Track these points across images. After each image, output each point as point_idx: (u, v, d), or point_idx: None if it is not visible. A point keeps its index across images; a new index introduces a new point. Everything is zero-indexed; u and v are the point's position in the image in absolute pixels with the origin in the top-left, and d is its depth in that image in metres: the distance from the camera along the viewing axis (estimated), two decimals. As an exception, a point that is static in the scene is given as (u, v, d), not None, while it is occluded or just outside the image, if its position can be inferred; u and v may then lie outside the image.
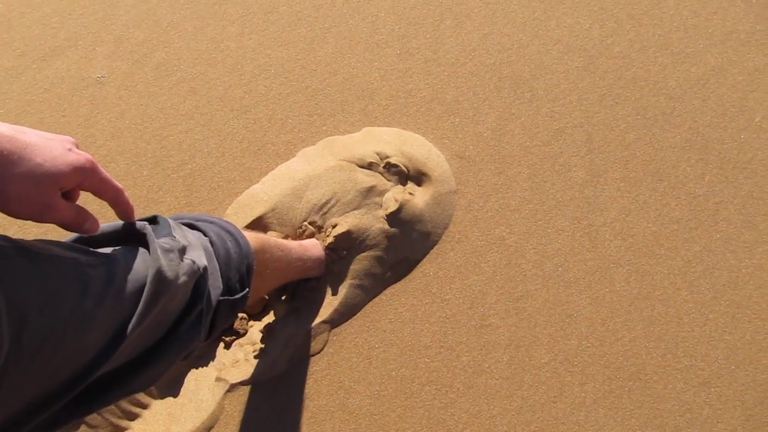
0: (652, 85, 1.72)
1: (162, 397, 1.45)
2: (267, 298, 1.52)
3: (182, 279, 0.79)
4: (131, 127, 1.69)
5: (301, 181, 1.53)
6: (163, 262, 0.76)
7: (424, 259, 1.53)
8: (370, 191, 1.50)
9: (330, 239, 1.44)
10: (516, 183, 1.60)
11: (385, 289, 1.51)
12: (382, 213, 1.51)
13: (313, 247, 1.43)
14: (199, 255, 0.86)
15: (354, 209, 1.48)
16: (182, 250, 0.83)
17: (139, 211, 1.58)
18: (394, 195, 1.52)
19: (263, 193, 1.56)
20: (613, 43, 1.77)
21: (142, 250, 0.79)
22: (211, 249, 0.93)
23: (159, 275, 0.74)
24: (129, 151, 1.66)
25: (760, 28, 1.78)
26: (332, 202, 1.48)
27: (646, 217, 1.57)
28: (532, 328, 1.46)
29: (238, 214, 1.55)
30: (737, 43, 1.77)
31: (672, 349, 1.45)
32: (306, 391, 1.42)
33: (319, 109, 1.70)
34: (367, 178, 1.52)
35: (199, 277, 0.84)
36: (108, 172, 0.74)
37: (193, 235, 0.91)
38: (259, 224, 1.52)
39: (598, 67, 1.74)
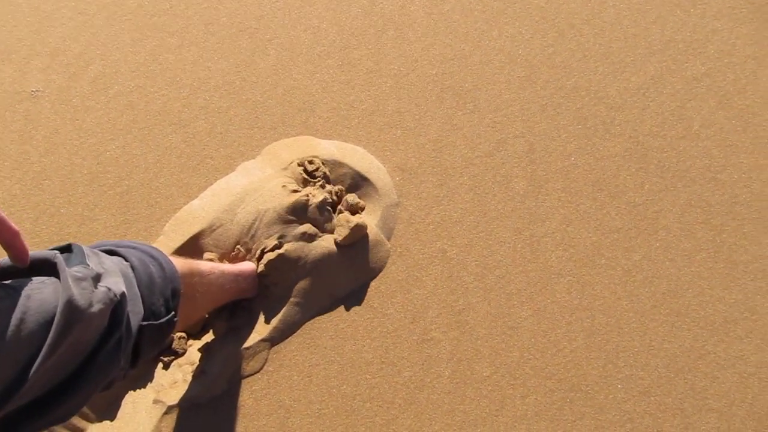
0: (592, 94, 1.73)
1: (99, 420, 1.42)
2: (206, 316, 1.49)
3: (97, 307, 0.77)
4: (66, 142, 1.65)
5: (237, 197, 1.51)
6: (75, 291, 0.74)
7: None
8: (294, 208, 1.47)
9: (261, 267, 1.42)
10: (458, 195, 1.59)
11: (325, 306, 1.49)
12: (334, 236, 1.49)
13: (248, 268, 1.41)
14: (116, 282, 0.84)
15: (277, 231, 1.45)
16: (96, 278, 0.81)
17: (75, 230, 1.54)
18: (346, 218, 1.50)
19: (201, 210, 1.53)
20: (555, 52, 1.78)
21: (53, 279, 0.76)
22: (131, 274, 0.90)
23: (69, 305, 0.72)
24: (64, 167, 1.62)
25: (698, 37, 1.81)
26: (257, 224, 1.45)
27: (587, 227, 1.57)
28: (474, 342, 1.46)
29: (176, 231, 1.52)
30: (676, 52, 1.79)
31: (613, 359, 1.46)
32: (245, 411, 1.40)
33: (260, 123, 1.67)
34: (293, 193, 1.49)
35: (117, 304, 0.82)
36: (4, 211, 0.71)
37: (111, 262, 0.89)
38: (196, 243, 1.49)
39: (540, 77, 1.74)
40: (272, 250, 1.42)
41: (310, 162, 1.56)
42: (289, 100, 1.70)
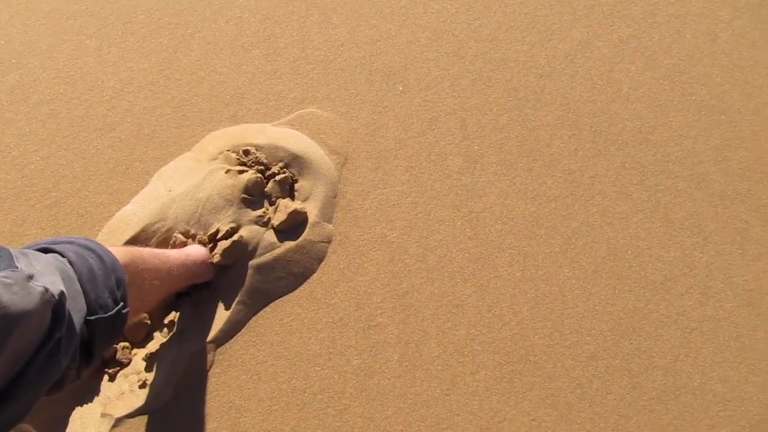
0: (521, 65, 1.72)
1: (47, 439, 1.39)
2: (149, 323, 1.47)
3: (33, 309, 0.74)
4: (-12, 158, 1.59)
5: (168, 196, 1.48)
6: (4, 297, 0.70)
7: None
8: (248, 187, 1.46)
9: (218, 257, 1.39)
10: (394, 177, 1.58)
11: (269, 302, 1.47)
12: (273, 222, 1.47)
13: (196, 251, 1.38)
14: (53, 281, 0.81)
15: (228, 216, 1.44)
16: (28, 279, 0.78)
17: (4, 247, 1.49)
18: (285, 203, 1.48)
19: (134, 215, 1.49)
20: (481, 25, 1.77)
21: None
22: (70, 270, 0.87)
23: None
24: (-13, 184, 1.57)
25: (621, -2, 1.81)
26: (199, 212, 1.43)
27: (524, 199, 1.58)
28: (420, 323, 1.46)
29: (110, 239, 1.48)
30: (601, 16, 1.79)
31: (558, 327, 1.47)
32: (196, 415, 1.38)
33: (188, 120, 1.64)
34: (240, 174, 1.48)
35: (57, 304, 0.79)
36: None
37: (45, 260, 0.85)
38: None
39: (468, 52, 1.73)
40: (225, 237, 1.40)
41: (246, 152, 1.53)
42: (216, 94, 1.66)
